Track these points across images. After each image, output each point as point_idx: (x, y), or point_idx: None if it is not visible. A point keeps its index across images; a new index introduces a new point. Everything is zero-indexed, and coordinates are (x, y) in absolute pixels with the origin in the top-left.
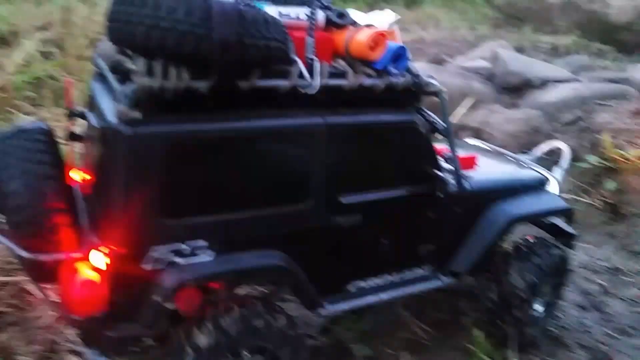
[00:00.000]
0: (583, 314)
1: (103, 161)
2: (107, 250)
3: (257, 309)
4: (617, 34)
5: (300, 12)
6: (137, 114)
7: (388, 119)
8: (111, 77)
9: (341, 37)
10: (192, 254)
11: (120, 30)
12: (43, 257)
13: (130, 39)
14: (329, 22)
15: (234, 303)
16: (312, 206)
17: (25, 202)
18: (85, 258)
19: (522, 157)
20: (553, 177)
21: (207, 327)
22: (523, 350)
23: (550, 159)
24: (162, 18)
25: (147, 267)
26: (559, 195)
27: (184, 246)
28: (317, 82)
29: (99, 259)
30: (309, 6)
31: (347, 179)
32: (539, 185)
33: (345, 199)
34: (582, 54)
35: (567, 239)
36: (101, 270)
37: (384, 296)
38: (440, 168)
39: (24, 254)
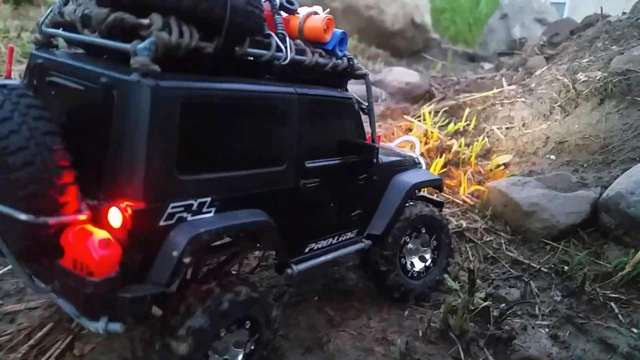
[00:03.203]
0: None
1: (113, 118)
2: (124, 207)
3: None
4: (392, 39)
5: None
6: (157, 67)
7: (337, 94)
8: (93, 37)
9: (293, 21)
10: (199, 210)
11: None
12: (52, 220)
13: None
14: (281, 7)
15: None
16: (286, 168)
17: (33, 157)
18: (95, 218)
19: (393, 145)
20: (422, 159)
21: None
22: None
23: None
24: None
25: (162, 223)
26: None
27: (193, 202)
28: (289, 55)
29: (116, 216)
30: None
31: (310, 145)
32: (416, 164)
33: (309, 164)
34: (358, 57)
35: (436, 207)
36: (116, 228)
37: (329, 257)
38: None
39: (27, 217)
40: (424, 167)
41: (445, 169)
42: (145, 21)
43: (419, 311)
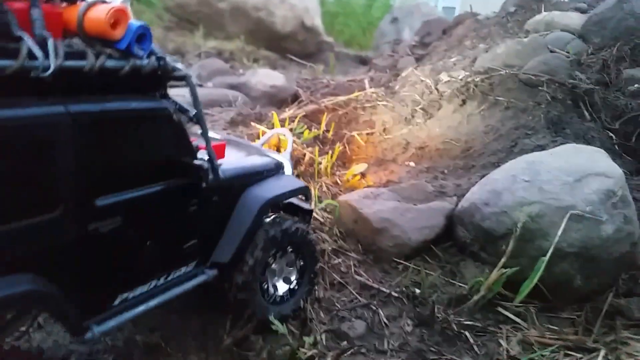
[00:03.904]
0: None
1: None
2: None
3: None
4: (283, 42)
5: None
6: None
7: (138, 106)
8: None
9: (72, 13)
10: None
11: None
12: None
13: None
14: None
15: None
16: (62, 214)
17: None
18: None
19: (257, 145)
20: (286, 160)
21: None
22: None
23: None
24: None
25: None
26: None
27: None
28: (53, 62)
29: None
30: None
31: (101, 177)
32: (278, 169)
33: (101, 201)
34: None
35: (304, 215)
36: None
37: (152, 303)
38: (196, 157)
39: None
40: (289, 170)
41: None
42: None
43: None
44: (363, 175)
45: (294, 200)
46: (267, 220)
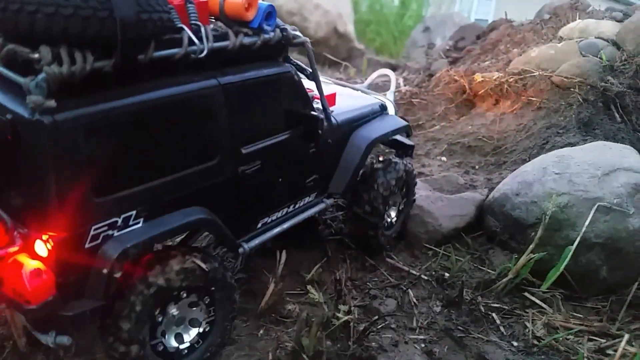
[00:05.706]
0: None
1: (20, 154)
2: (48, 238)
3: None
4: (316, 47)
5: None
6: (52, 103)
7: (268, 72)
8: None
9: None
10: (125, 225)
11: (14, 19)
12: None
13: (28, 27)
14: None
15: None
16: (219, 161)
17: None
18: (25, 249)
19: (361, 87)
20: (389, 100)
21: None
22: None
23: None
24: (61, 5)
25: (88, 244)
26: (396, 115)
27: (117, 219)
28: (206, 46)
29: (41, 247)
30: None
31: (245, 131)
32: (382, 110)
33: (246, 149)
34: None
35: (407, 150)
36: (45, 257)
37: (285, 225)
38: (313, 109)
39: None
40: (392, 108)
41: None
42: (35, 55)
43: (276, 329)
44: None
45: (398, 137)
46: (391, 164)
